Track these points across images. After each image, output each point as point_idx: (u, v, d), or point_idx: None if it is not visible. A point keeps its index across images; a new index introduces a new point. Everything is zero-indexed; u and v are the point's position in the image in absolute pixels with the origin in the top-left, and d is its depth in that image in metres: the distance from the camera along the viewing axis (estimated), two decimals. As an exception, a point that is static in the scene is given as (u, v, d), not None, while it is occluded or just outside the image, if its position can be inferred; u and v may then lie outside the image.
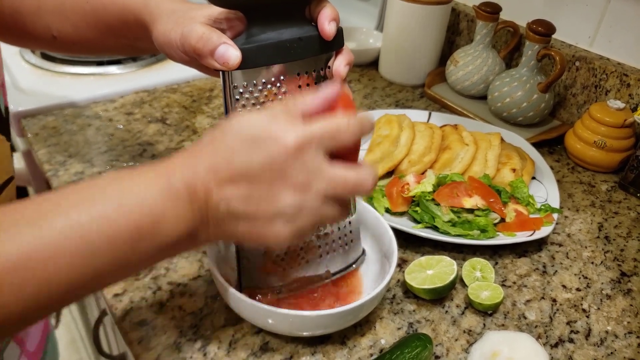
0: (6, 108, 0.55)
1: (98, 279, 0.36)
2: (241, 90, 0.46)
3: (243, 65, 0.45)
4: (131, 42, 0.58)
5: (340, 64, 0.48)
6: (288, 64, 0.46)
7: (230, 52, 0.44)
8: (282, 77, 0.47)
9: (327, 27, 0.45)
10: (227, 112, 0.47)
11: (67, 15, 0.58)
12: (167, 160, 0.39)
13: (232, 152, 0.38)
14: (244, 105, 0.47)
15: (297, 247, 0.54)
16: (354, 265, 0.58)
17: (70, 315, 1.65)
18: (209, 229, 0.39)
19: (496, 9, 0.95)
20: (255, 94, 0.47)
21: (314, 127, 0.38)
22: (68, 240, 0.33)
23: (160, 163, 0.39)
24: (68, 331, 1.72)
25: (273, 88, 0.47)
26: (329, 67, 0.48)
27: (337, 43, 0.47)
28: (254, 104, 0.47)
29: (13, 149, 0.58)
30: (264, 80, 0.46)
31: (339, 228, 0.55)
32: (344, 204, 0.42)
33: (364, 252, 0.59)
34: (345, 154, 0.41)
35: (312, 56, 0.47)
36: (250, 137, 0.38)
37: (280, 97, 0.47)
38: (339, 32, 0.47)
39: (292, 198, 0.38)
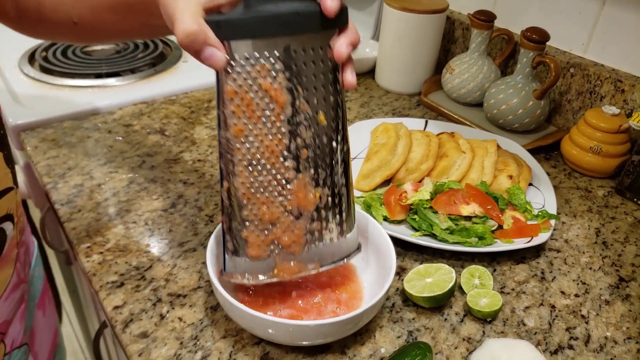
0: None
1: None
2: (232, 63, 0.44)
3: (234, 36, 0.43)
4: (147, 19, 0.56)
5: (341, 44, 0.44)
6: (284, 38, 0.43)
7: (216, 56, 0.43)
8: (276, 53, 0.44)
9: (330, 3, 0.42)
10: (218, 83, 0.45)
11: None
12: None
13: None
14: (234, 79, 0.45)
15: (286, 232, 0.51)
16: (345, 260, 0.55)
17: (70, 327, 1.65)
18: None
19: (491, 17, 0.95)
20: (247, 68, 0.45)
21: None
22: None
23: None
24: (69, 343, 1.72)
25: (266, 63, 0.45)
26: (330, 47, 0.45)
27: (339, 20, 0.44)
28: (245, 79, 0.45)
29: (10, 161, 0.58)
30: (256, 54, 0.44)
31: (331, 214, 0.52)
32: None
33: (359, 247, 0.56)
34: None
35: (310, 32, 0.44)
36: None
37: (273, 73, 0.45)
38: (344, 9, 0.44)
39: None
